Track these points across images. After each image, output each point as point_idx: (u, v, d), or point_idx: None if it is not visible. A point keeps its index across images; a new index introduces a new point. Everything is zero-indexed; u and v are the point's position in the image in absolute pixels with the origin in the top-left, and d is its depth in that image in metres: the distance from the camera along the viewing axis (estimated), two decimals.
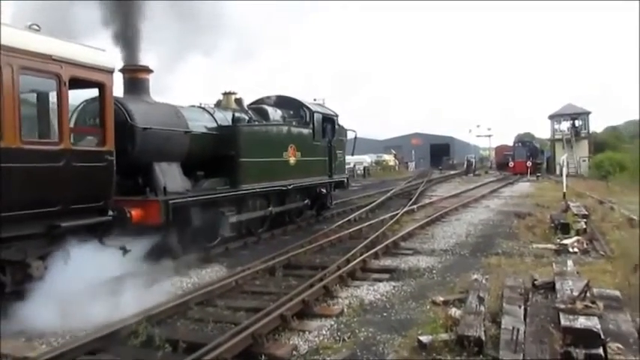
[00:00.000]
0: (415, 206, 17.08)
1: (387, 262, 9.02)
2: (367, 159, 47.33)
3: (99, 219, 6.96)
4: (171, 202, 8.25)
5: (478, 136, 69.83)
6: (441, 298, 6.34)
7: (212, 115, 10.59)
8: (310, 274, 7.68)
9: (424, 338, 4.81)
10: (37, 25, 6.31)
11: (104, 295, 6.17)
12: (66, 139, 6.45)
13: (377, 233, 11.07)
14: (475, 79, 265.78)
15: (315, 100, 15.28)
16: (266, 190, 11.23)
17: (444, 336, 4.84)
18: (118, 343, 5.19)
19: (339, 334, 5.47)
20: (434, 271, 8.24)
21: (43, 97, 6.91)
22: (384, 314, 6.13)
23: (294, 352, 5.08)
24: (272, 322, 5.50)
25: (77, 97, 7.60)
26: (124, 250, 7.16)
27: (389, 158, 55.58)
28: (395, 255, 9.55)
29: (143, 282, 6.94)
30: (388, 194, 21.39)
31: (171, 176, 8.91)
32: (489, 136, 68.46)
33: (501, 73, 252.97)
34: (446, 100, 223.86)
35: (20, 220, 5.82)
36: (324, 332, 5.54)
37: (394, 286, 7.34)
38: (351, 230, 11.86)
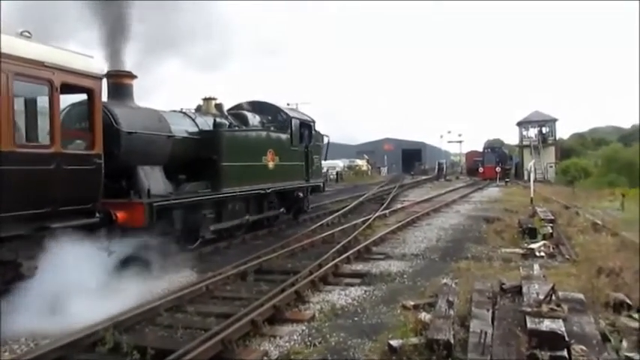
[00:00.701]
0: (387, 211, 17.22)
1: (359, 266, 9.06)
2: (340, 164, 47.59)
3: (87, 221, 7.12)
4: (155, 204, 8.42)
5: (449, 141, 71.22)
6: (412, 303, 6.39)
7: (193, 120, 10.83)
8: (282, 279, 7.64)
9: (394, 342, 4.84)
10: (29, 32, 6.51)
11: (80, 298, 6.07)
12: (57, 142, 6.62)
13: (349, 238, 11.10)
14: (446, 85, 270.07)
15: (288, 104, 15.44)
16: (246, 194, 11.50)
17: (414, 340, 4.88)
18: (84, 350, 5.07)
19: (310, 339, 5.46)
20: (405, 276, 8.31)
21: (34, 102, 7.03)
22: (355, 319, 6.15)
23: (265, 358, 5.05)
24: (242, 328, 5.45)
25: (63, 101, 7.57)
26: (109, 252, 7.25)
27: (361, 163, 56.01)
28: (367, 260, 9.60)
29: (121, 285, 6.94)
30: (360, 199, 21.51)
31: (154, 179, 9.13)
32: (460, 141, 69.87)
33: (472, 79, 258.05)
34: (418, 106, 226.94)
35: (13, 220, 5.98)
36: (295, 337, 5.52)
37: (365, 291, 7.38)
38: (323, 235, 11.87)
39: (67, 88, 6.95)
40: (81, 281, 6.19)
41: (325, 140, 17.18)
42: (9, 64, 5.94)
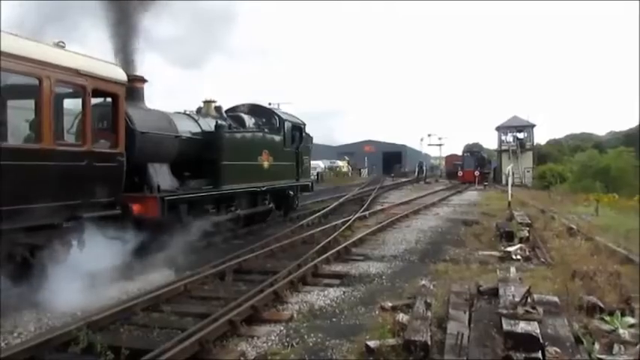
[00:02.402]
0: (367, 212, 17.27)
1: (338, 267, 9.07)
2: (321, 164, 47.61)
3: (111, 212, 7.87)
4: (166, 198, 9.26)
5: (430, 145, 71.59)
6: (390, 304, 6.40)
7: (197, 121, 11.57)
8: (261, 279, 7.61)
9: (372, 343, 4.84)
10: (63, 42, 7.26)
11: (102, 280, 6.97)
12: (89, 142, 7.39)
13: (329, 239, 11.10)
14: (428, 89, 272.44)
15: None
16: (244, 191, 12.40)
17: (392, 341, 4.89)
18: (56, 350, 4.97)
19: (288, 339, 5.44)
20: (383, 277, 8.34)
21: (61, 104, 7.76)
22: (334, 319, 6.15)
23: (242, 359, 5.01)
24: (220, 328, 5.41)
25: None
26: (123, 242, 7.87)
27: (342, 164, 56.12)
28: (346, 261, 9.61)
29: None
30: (341, 200, 21.55)
31: (162, 176, 9.92)
32: (440, 145, 70.36)
33: (453, 84, 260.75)
34: (399, 109, 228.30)
35: (50, 210, 6.66)
36: (272, 338, 5.49)
37: (344, 292, 7.39)
38: (303, 235, 11.86)
39: (97, 93, 7.71)
40: (101, 266, 7.11)
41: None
42: (51, 72, 6.68)
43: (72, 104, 7.99)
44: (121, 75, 8.28)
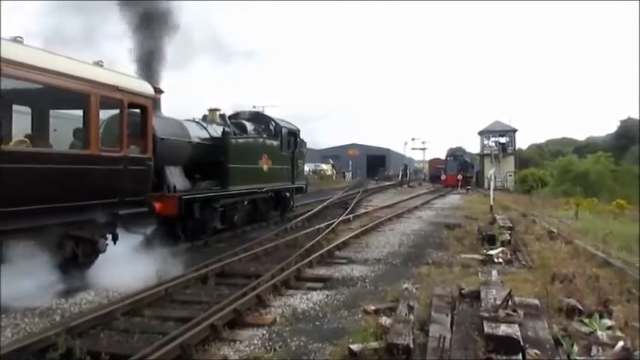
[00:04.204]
0: (351, 216, 17.31)
1: (322, 271, 9.06)
2: (305, 168, 47.58)
3: (142, 209, 8.81)
4: (183, 197, 10.31)
5: (413, 148, 72.17)
6: (373, 307, 6.41)
7: (205, 128, 12.69)
8: (244, 283, 7.57)
9: (354, 347, 4.85)
10: (101, 61, 8.18)
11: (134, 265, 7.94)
12: (124, 148, 8.30)
13: (312, 242, 11.11)
14: (412, 93, 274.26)
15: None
16: (247, 191, 13.55)
17: (374, 344, 4.90)
18: (34, 356, 4.87)
19: (270, 343, 5.42)
20: (367, 280, 8.36)
21: None
22: (317, 323, 6.14)
23: None
24: (202, 332, 5.37)
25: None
26: (145, 236, 8.88)
27: (326, 168, 56.18)
28: (329, 264, 9.61)
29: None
30: (325, 203, 21.56)
31: (177, 177, 10.95)
32: (424, 149, 70.95)
33: (437, 88, 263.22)
34: (383, 113, 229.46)
35: (94, 207, 7.60)
36: (255, 342, 5.46)
37: (327, 295, 7.38)
38: (287, 239, 11.83)
39: (130, 106, 8.54)
40: (132, 253, 8.35)
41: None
42: (97, 89, 7.64)
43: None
44: (149, 90, 9.28)
